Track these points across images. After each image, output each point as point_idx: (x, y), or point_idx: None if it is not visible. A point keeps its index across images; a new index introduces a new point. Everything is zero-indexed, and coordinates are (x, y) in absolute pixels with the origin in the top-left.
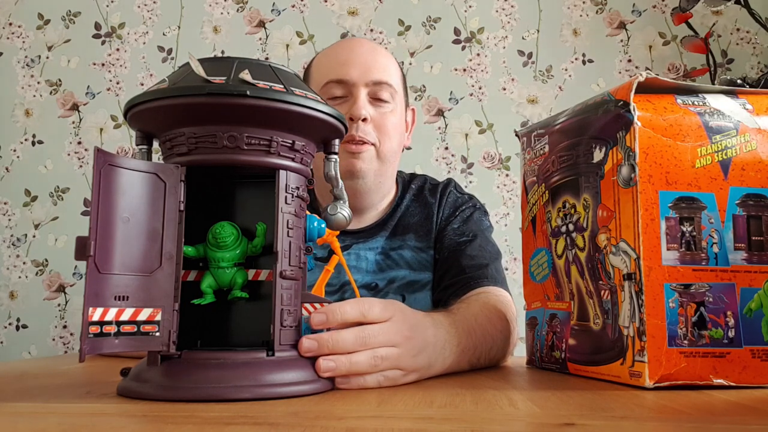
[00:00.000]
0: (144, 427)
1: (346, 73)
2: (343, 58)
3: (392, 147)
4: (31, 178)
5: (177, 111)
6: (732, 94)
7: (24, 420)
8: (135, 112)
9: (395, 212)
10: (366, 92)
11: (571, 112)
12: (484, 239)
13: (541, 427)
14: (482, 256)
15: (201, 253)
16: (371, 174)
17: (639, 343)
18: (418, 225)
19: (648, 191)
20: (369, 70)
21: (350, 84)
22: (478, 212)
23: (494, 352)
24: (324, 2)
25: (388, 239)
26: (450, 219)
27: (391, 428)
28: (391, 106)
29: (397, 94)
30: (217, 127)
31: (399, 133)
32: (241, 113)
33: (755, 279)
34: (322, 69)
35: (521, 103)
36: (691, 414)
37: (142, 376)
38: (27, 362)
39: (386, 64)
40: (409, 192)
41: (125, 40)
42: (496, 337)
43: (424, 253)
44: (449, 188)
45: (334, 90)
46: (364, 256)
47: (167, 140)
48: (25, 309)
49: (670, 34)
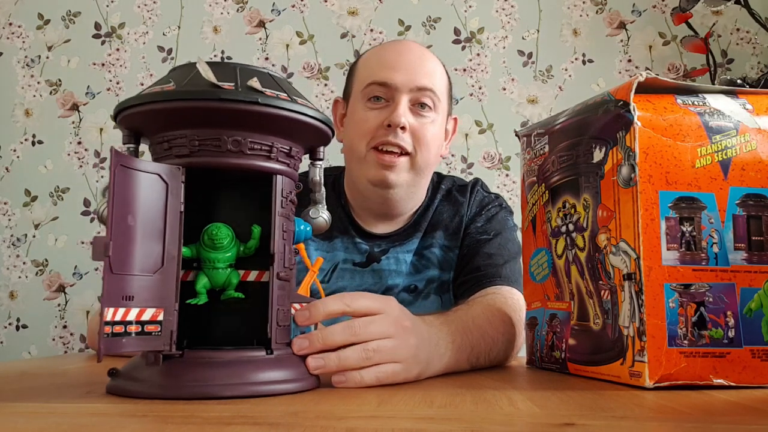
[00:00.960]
0: (144, 427)
1: (391, 77)
2: (390, 60)
3: (428, 158)
4: (31, 178)
5: (184, 113)
6: (732, 94)
7: (24, 420)
8: (137, 111)
9: (427, 212)
10: (408, 99)
11: (571, 112)
12: (505, 238)
13: (541, 427)
14: (500, 254)
15: (194, 253)
16: (404, 185)
17: (639, 343)
18: (448, 222)
19: (648, 191)
20: (414, 75)
21: (393, 88)
22: (503, 212)
23: (494, 354)
24: (324, 2)
25: (422, 240)
26: (475, 217)
27: (391, 428)
28: (432, 116)
29: (440, 102)
30: (222, 131)
31: (437, 144)
32: (248, 119)
33: (755, 279)
34: (368, 68)
35: (521, 103)
36: (691, 414)
37: (136, 375)
38: (27, 362)
39: (433, 69)
40: (440, 192)
41: (125, 40)
42: (496, 339)
43: (452, 252)
44: (477, 187)
45: (376, 91)
46: (403, 260)
47: (164, 141)
48: (25, 309)
49: (670, 34)
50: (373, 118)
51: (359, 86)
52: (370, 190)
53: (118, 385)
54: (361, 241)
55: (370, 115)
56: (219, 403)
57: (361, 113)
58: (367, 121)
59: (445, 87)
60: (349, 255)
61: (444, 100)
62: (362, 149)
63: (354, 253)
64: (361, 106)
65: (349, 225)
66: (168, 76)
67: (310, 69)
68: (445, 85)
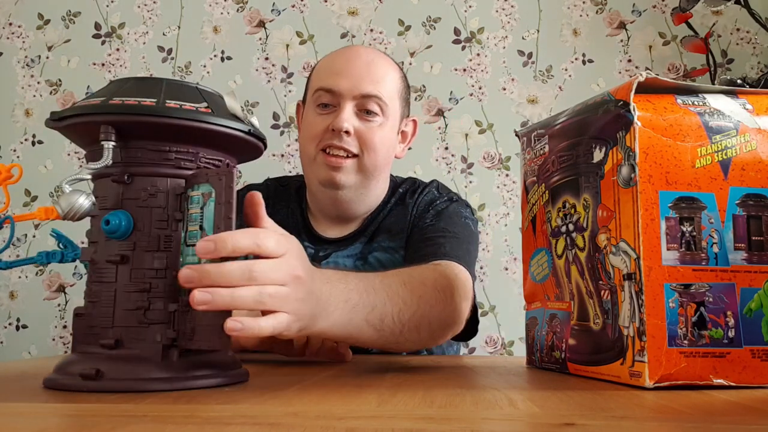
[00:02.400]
0: (145, 427)
1: (336, 84)
2: (337, 67)
3: (376, 160)
4: (31, 178)
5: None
6: (732, 94)
7: (24, 420)
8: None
9: (377, 217)
10: (353, 105)
11: (571, 112)
12: (451, 222)
13: (541, 427)
14: (442, 234)
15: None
16: (352, 186)
17: (639, 343)
18: (392, 224)
19: (648, 191)
20: (359, 83)
21: (338, 95)
22: (454, 204)
23: (408, 317)
24: (324, 2)
25: (367, 244)
26: (423, 215)
27: (391, 428)
28: (379, 120)
29: (387, 107)
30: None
31: (386, 146)
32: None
33: (755, 279)
34: (318, 75)
35: (521, 103)
36: (691, 414)
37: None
38: (27, 362)
39: (381, 76)
40: (395, 196)
41: (125, 40)
42: (410, 301)
43: (397, 253)
44: (429, 188)
45: (323, 98)
46: (342, 264)
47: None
48: (25, 309)
49: (670, 34)
50: (320, 122)
51: (311, 92)
52: (321, 191)
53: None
54: (309, 245)
55: (317, 120)
56: (219, 403)
57: (310, 118)
58: (316, 125)
59: (396, 91)
60: None
61: (394, 104)
62: (312, 151)
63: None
64: (311, 111)
65: (302, 228)
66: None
67: (309, 69)
68: (397, 89)
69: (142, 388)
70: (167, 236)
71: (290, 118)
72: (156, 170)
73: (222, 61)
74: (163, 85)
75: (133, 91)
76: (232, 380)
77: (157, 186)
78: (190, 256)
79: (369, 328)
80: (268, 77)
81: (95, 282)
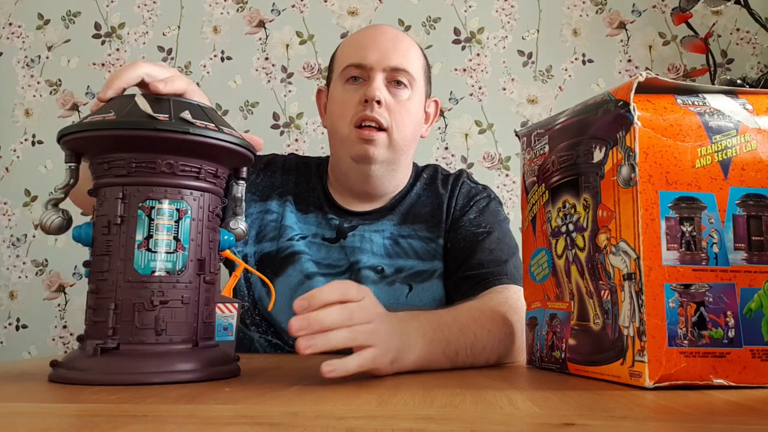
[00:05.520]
0: (145, 427)
1: (364, 57)
2: (365, 43)
3: (405, 135)
4: (31, 178)
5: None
6: (732, 94)
7: (24, 420)
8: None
9: (405, 199)
10: (383, 77)
11: (571, 112)
12: (502, 232)
13: (541, 427)
14: (501, 250)
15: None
16: (384, 161)
17: (639, 343)
18: (429, 215)
19: (648, 191)
20: (388, 55)
21: (368, 68)
22: (493, 203)
23: (479, 350)
24: (324, 2)
25: (397, 226)
26: (465, 209)
27: (391, 428)
28: (407, 93)
29: (415, 81)
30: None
31: (414, 121)
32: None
33: (755, 279)
34: (345, 53)
35: (521, 103)
36: (691, 414)
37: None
38: (27, 362)
39: (407, 50)
40: (421, 180)
41: (125, 40)
42: (480, 335)
43: (434, 243)
44: (462, 179)
45: (353, 72)
46: (368, 238)
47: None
48: (25, 309)
49: (670, 34)
50: (351, 96)
51: (338, 70)
52: (353, 168)
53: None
54: (333, 216)
55: (348, 95)
56: (219, 403)
57: (340, 95)
58: (346, 100)
59: (422, 68)
60: (320, 230)
61: (420, 81)
62: (344, 128)
63: (325, 229)
64: (340, 89)
65: (324, 201)
66: (108, 106)
67: (310, 69)
68: (422, 66)
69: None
70: (108, 241)
71: (290, 118)
72: (108, 181)
73: (222, 61)
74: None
75: (111, 106)
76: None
77: (105, 195)
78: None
79: (446, 361)
80: (268, 77)
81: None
